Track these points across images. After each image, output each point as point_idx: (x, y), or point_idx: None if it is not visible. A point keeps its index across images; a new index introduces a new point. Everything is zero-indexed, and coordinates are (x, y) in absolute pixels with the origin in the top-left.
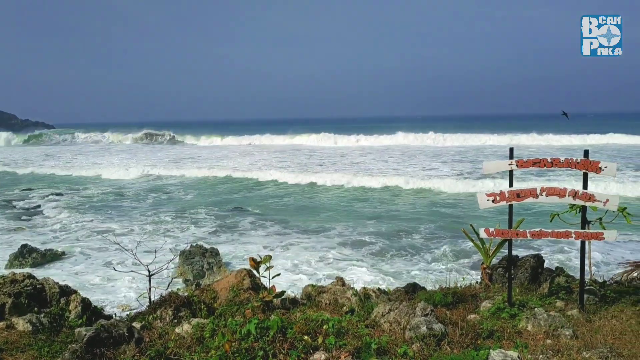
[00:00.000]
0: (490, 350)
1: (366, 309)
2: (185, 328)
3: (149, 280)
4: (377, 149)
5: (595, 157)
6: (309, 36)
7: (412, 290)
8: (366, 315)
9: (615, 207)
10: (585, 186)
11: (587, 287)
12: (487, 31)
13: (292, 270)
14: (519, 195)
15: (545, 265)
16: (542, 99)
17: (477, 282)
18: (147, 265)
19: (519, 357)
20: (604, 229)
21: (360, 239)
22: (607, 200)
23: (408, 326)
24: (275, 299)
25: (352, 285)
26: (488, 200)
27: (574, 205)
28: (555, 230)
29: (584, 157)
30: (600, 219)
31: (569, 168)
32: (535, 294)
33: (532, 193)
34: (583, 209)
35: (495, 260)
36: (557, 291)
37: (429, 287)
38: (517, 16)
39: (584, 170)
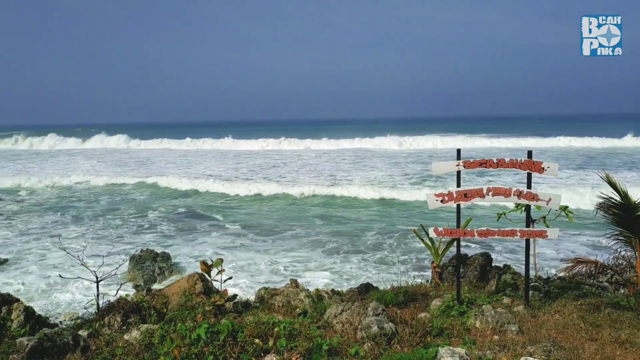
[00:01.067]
0: (439, 347)
1: (319, 310)
2: (134, 335)
3: (97, 287)
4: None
5: (540, 158)
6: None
7: (366, 290)
8: (319, 316)
9: (557, 205)
10: (529, 185)
11: (532, 284)
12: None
13: (248, 273)
14: (466, 195)
15: (497, 263)
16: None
17: (427, 281)
18: (94, 271)
19: (466, 353)
20: (548, 227)
21: (316, 239)
22: (550, 199)
23: (360, 326)
24: (227, 303)
25: (306, 287)
26: (437, 200)
27: (519, 204)
28: (502, 229)
29: (528, 157)
30: (544, 217)
31: (515, 168)
32: (484, 292)
33: (479, 193)
34: (527, 208)
35: (446, 260)
36: (504, 288)
37: (382, 287)
38: (475, 22)
39: (528, 171)
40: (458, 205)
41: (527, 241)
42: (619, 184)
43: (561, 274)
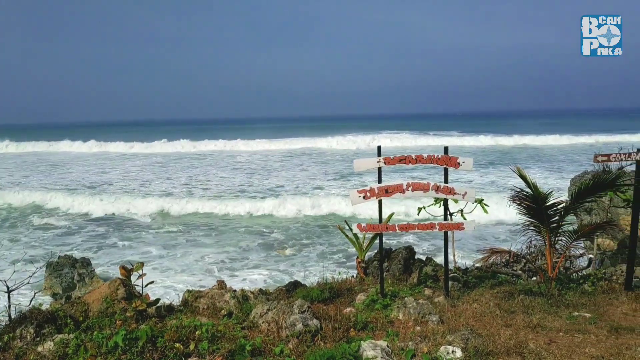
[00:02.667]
0: (361, 341)
1: (244, 311)
2: (47, 346)
3: (8, 297)
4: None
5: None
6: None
7: (293, 288)
8: (244, 317)
9: (472, 199)
10: (445, 180)
11: (452, 275)
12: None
13: (172, 277)
14: (387, 191)
15: (431, 255)
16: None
17: (353, 276)
18: (5, 281)
19: (388, 346)
20: (465, 219)
21: (245, 244)
22: (466, 192)
23: (285, 324)
24: (149, 308)
25: (233, 288)
26: (359, 196)
27: (438, 198)
28: (421, 223)
29: (444, 153)
30: (462, 210)
31: (432, 164)
32: (406, 284)
33: (400, 188)
34: (445, 201)
35: (372, 254)
36: (425, 280)
37: (310, 284)
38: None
39: (445, 166)
40: (380, 201)
41: (446, 234)
42: (529, 176)
43: (478, 264)
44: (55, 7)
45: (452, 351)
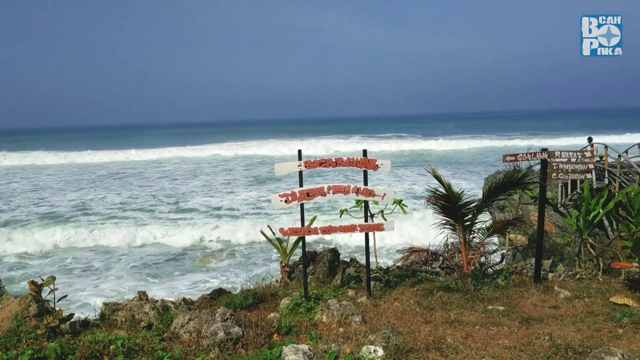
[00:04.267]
0: (283, 346)
1: (165, 322)
2: None
3: None
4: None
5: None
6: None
7: (217, 295)
8: (165, 328)
9: (391, 200)
10: (365, 182)
11: (374, 275)
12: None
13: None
14: (309, 194)
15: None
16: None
17: (277, 281)
18: None
19: (309, 349)
20: (385, 220)
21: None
22: (385, 194)
23: (206, 334)
24: (62, 324)
25: (155, 299)
26: (281, 200)
27: (359, 200)
28: (343, 225)
29: (363, 156)
30: (382, 211)
31: (352, 166)
32: (330, 286)
33: (321, 191)
34: (365, 203)
35: (297, 258)
36: (348, 281)
37: (234, 290)
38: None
39: (364, 168)
40: (301, 205)
41: (367, 235)
42: (444, 177)
43: (399, 264)
44: None
45: (374, 350)
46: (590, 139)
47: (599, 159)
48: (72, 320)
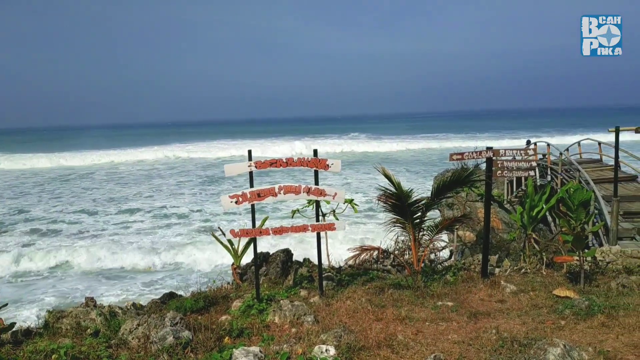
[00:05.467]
0: (233, 349)
1: (113, 328)
2: None
3: None
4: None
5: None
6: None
7: (168, 299)
8: (113, 334)
9: (342, 199)
10: (316, 182)
11: (326, 274)
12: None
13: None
14: (259, 195)
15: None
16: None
17: (229, 283)
18: None
19: (260, 351)
20: (337, 219)
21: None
22: (336, 193)
23: (155, 339)
24: (3, 334)
25: (103, 305)
26: (231, 202)
27: (311, 200)
28: (295, 225)
29: (314, 156)
30: (334, 210)
31: (303, 166)
32: (283, 287)
33: (272, 192)
34: (316, 203)
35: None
36: (300, 281)
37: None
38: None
39: (315, 168)
40: (252, 206)
41: (318, 234)
42: (394, 176)
43: (350, 262)
44: None
45: (326, 350)
46: (528, 142)
47: (542, 157)
48: (14, 329)
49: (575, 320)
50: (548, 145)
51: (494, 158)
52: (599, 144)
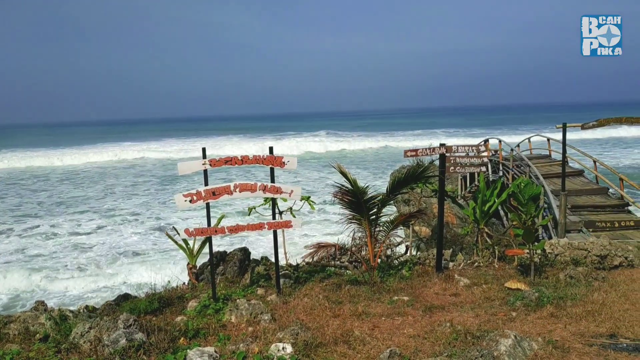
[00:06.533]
0: (188, 350)
1: (63, 332)
2: None
3: None
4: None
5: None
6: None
7: (123, 301)
8: (63, 339)
9: (299, 197)
10: (272, 179)
11: (283, 272)
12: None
13: None
14: (214, 193)
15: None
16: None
17: (184, 283)
18: None
19: (215, 351)
20: (294, 217)
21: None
22: (292, 191)
23: (107, 342)
24: None
25: (53, 308)
26: (186, 200)
27: (267, 198)
28: (251, 224)
29: (270, 153)
30: (291, 208)
31: (258, 164)
32: (239, 286)
33: (227, 190)
34: (273, 201)
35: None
36: (258, 280)
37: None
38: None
39: (270, 165)
40: (207, 204)
41: (275, 232)
42: (349, 173)
43: (308, 259)
44: None
45: (283, 348)
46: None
47: (494, 153)
48: None
49: (526, 312)
50: (500, 141)
51: (447, 154)
52: (548, 140)
